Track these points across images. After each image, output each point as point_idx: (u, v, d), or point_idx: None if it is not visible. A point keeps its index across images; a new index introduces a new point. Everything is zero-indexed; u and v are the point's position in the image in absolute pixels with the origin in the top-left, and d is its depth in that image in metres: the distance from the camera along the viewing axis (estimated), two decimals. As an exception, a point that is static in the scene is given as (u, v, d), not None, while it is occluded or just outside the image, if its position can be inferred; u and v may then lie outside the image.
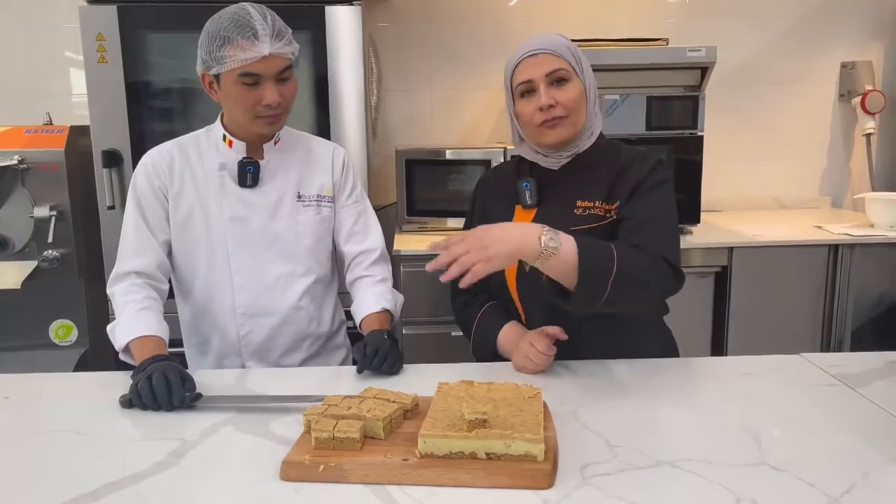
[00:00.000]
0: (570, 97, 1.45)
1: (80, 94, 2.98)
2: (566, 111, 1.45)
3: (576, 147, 1.51)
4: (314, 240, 1.66)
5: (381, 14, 3.16)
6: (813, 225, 2.83)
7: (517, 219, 1.55)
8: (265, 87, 1.47)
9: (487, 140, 3.27)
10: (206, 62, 1.48)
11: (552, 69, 1.45)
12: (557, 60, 1.45)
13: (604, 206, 1.47)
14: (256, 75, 1.46)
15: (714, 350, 2.67)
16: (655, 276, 1.37)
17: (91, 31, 2.32)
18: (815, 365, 1.44)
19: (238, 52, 1.43)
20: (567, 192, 1.51)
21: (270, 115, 1.51)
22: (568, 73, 1.46)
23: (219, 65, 1.45)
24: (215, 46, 1.45)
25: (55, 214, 2.44)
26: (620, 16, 3.18)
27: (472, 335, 1.60)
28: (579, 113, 1.48)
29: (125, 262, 1.57)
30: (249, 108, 1.50)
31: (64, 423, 1.22)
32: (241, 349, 1.64)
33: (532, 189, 1.53)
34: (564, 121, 1.46)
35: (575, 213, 1.48)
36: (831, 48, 3.28)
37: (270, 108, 1.49)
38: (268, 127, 1.55)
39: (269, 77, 1.47)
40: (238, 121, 1.55)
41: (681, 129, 2.67)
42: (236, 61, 1.43)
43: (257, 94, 1.48)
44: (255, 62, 1.44)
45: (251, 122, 1.53)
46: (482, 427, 1.01)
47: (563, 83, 1.46)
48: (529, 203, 1.53)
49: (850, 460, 1.04)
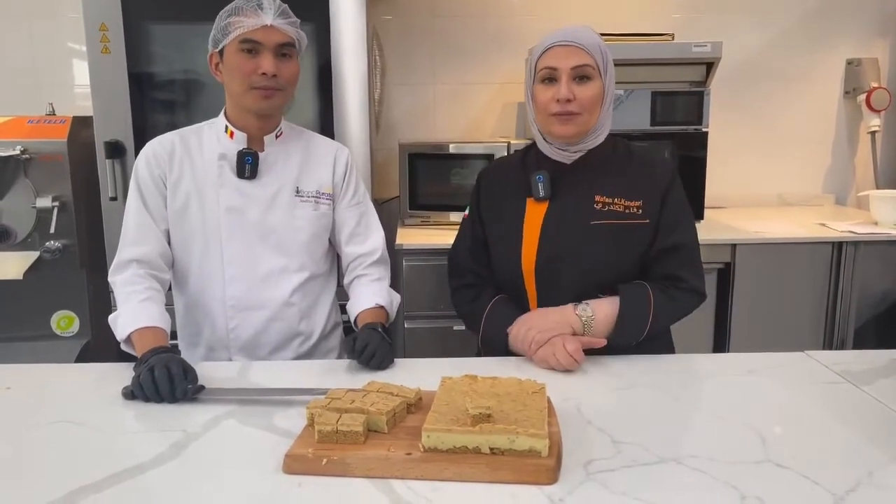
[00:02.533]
0: (588, 95, 1.47)
1: (83, 84, 2.98)
2: (581, 108, 1.47)
3: (583, 143, 1.53)
4: (310, 235, 1.66)
5: (385, 7, 3.14)
6: (817, 222, 2.82)
7: (529, 212, 1.57)
8: (263, 57, 1.50)
9: (491, 134, 3.26)
10: (215, 38, 1.53)
11: (579, 63, 1.46)
12: (586, 56, 1.47)
13: (623, 201, 1.52)
14: (255, 42, 1.49)
15: (717, 347, 2.67)
16: (683, 312, 1.56)
17: (94, 22, 2.30)
18: (820, 362, 1.44)
19: (242, 19, 1.49)
20: (582, 187, 1.54)
21: (266, 86, 1.52)
22: (593, 71, 1.48)
23: (225, 36, 1.50)
24: (223, 18, 1.51)
25: (57, 205, 2.43)
26: (626, 10, 3.17)
27: (481, 327, 1.60)
28: (593, 112, 1.50)
29: (127, 250, 1.57)
30: (245, 77, 1.51)
31: (66, 414, 1.22)
32: (230, 343, 1.64)
33: (546, 181, 1.54)
34: (577, 118, 1.48)
35: (595, 207, 1.52)
36: (837, 45, 3.27)
37: (266, 77, 1.50)
38: (263, 101, 1.54)
39: (269, 48, 1.50)
40: (236, 95, 1.55)
41: (685, 124, 2.66)
42: (240, 28, 1.48)
43: (255, 62, 1.50)
44: (256, 30, 1.49)
45: (246, 94, 1.53)
46: (486, 422, 1.01)
47: (585, 80, 1.48)
48: (542, 195, 1.54)
49: (854, 458, 1.04)
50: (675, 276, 1.52)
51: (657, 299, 1.49)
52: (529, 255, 1.53)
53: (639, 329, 1.49)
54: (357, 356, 1.42)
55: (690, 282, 1.53)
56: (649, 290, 1.50)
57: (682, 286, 1.52)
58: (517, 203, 1.58)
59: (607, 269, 1.51)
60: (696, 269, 1.55)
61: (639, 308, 1.48)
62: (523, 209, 1.57)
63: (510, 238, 1.57)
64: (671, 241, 1.52)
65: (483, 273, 1.65)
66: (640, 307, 1.48)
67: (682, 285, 1.52)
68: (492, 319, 1.58)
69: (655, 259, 1.53)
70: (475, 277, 1.66)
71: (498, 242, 1.60)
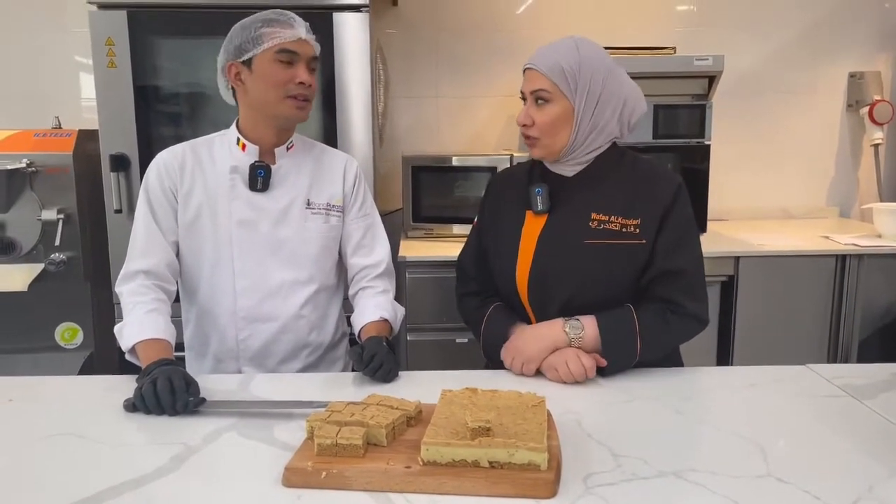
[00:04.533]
0: (543, 120, 1.47)
1: (89, 98, 3.00)
2: (539, 133, 1.48)
3: (569, 160, 1.52)
4: (320, 248, 1.66)
5: (389, 21, 3.17)
6: (820, 235, 2.82)
7: (527, 225, 1.55)
8: (298, 67, 1.54)
9: (494, 147, 3.27)
10: (239, 48, 1.54)
11: (534, 88, 1.47)
12: (542, 80, 1.46)
13: (621, 220, 1.47)
14: (293, 53, 1.53)
15: (720, 360, 2.66)
16: (680, 337, 1.53)
17: (101, 36, 2.33)
18: (822, 376, 1.43)
19: (278, 30, 1.52)
20: (580, 202, 1.51)
21: (301, 94, 1.56)
22: (549, 94, 1.45)
23: (256, 46, 1.52)
24: (253, 29, 1.52)
25: (62, 217, 2.45)
26: (628, 24, 3.19)
27: (481, 334, 1.60)
28: (556, 135, 1.47)
29: (134, 261, 1.58)
30: (282, 86, 1.54)
31: (67, 426, 1.22)
32: (239, 353, 1.64)
33: (544, 195, 1.53)
34: (537, 141, 1.49)
35: (590, 225, 1.49)
36: (839, 58, 3.28)
37: (303, 86, 1.55)
38: (297, 110, 1.57)
39: (303, 59, 1.55)
40: (268, 103, 1.56)
41: (688, 137, 2.68)
42: (276, 39, 1.52)
43: (291, 72, 1.54)
44: (293, 41, 1.53)
45: (281, 103, 1.55)
46: (485, 435, 1.01)
47: (542, 104, 1.47)
48: (540, 209, 1.53)
49: (855, 473, 1.04)
50: (674, 301, 1.46)
51: (646, 323, 1.44)
52: (523, 270, 1.52)
53: (627, 355, 1.43)
54: (364, 367, 1.42)
55: (688, 307, 1.46)
56: (634, 314, 1.45)
57: (680, 311, 1.46)
58: (517, 215, 1.57)
59: (599, 289, 1.47)
60: (696, 294, 1.49)
61: (621, 335, 1.43)
62: (522, 221, 1.56)
63: (507, 250, 1.56)
64: (671, 265, 1.46)
65: (488, 281, 1.64)
66: (622, 333, 1.43)
67: (679, 311, 1.46)
68: (490, 327, 1.58)
69: (654, 281, 1.47)
70: (479, 285, 1.66)
71: (496, 253, 1.60)
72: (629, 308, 1.46)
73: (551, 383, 1.42)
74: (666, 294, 1.47)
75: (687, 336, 1.52)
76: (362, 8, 2.36)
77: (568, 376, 1.40)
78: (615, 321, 1.45)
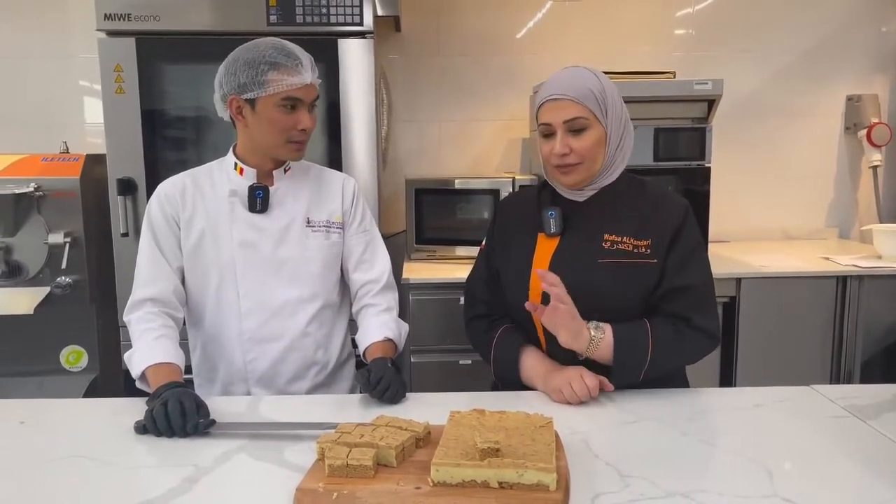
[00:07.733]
0: (585, 146, 1.47)
1: (95, 122, 3.03)
2: (580, 158, 1.48)
3: (595, 183, 1.54)
4: (322, 265, 1.68)
5: (392, 46, 3.21)
6: (821, 256, 2.84)
7: (539, 247, 1.57)
8: (301, 113, 1.56)
9: (496, 170, 3.30)
10: (244, 86, 1.53)
11: (571, 117, 1.46)
12: (577, 108, 1.46)
13: (632, 241, 1.50)
14: (297, 100, 1.54)
15: (723, 380, 2.67)
16: (690, 353, 1.53)
17: (109, 63, 2.37)
18: (825, 396, 1.45)
19: (284, 76, 1.52)
20: (593, 224, 1.54)
21: (302, 140, 1.58)
22: (587, 121, 1.47)
23: (260, 89, 1.52)
24: (259, 71, 1.51)
25: (69, 241, 2.47)
26: (628, 49, 3.23)
27: (491, 356, 1.61)
28: (595, 159, 1.50)
29: (141, 290, 1.60)
30: (284, 132, 1.56)
31: (78, 448, 1.23)
32: (247, 375, 1.65)
33: (557, 218, 1.55)
34: (579, 167, 1.50)
35: (603, 246, 1.51)
36: (837, 81, 3.32)
37: (304, 133, 1.57)
38: (296, 153, 1.61)
39: (306, 104, 1.56)
40: (268, 145, 1.59)
41: (688, 160, 2.70)
42: (282, 86, 1.52)
43: (294, 118, 1.55)
44: (299, 88, 1.53)
45: (282, 147, 1.58)
46: (494, 456, 1.02)
47: (580, 132, 1.47)
48: (553, 231, 1.55)
49: (860, 493, 1.04)
50: (684, 316, 1.48)
51: (659, 333, 1.46)
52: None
53: (637, 361, 1.45)
54: (371, 389, 1.43)
55: (698, 322, 1.48)
56: (648, 326, 1.47)
57: (690, 326, 1.48)
58: (529, 238, 1.59)
59: (612, 307, 1.49)
60: (705, 310, 1.51)
61: (633, 341, 1.45)
62: (534, 245, 1.58)
63: (519, 273, 1.58)
64: (680, 281, 1.49)
65: (497, 303, 1.66)
66: (634, 340, 1.45)
67: (690, 325, 1.48)
68: (499, 349, 1.60)
69: (664, 298, 1.50)
70: (488, 308, 1.67)
71: (508, 276, 1.62)
72: (643, 320, 1.49)
73: (558, 405, 1.43)
74: (676, 310, 1.49)
75: (699, 352, 1.52)
76: (367, 35, 2.40)
77: (573, 397, 1.42)
78: (628, 328, 1.47)
